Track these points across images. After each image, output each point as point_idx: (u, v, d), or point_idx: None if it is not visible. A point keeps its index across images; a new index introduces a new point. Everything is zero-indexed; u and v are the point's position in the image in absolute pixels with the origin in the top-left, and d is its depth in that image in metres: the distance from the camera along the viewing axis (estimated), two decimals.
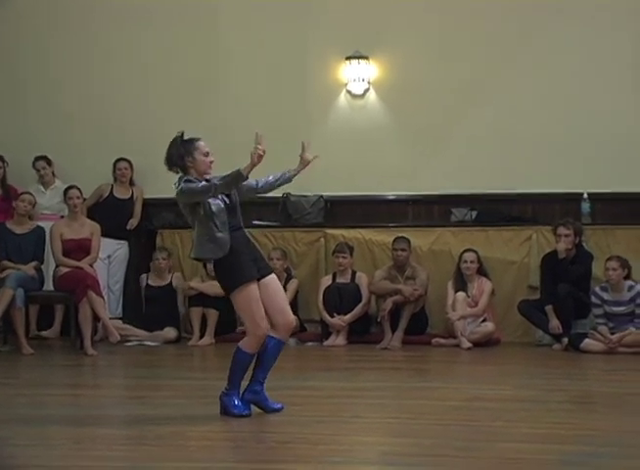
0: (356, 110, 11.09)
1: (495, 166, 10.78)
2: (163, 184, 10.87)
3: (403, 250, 10.13)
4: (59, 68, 11.24)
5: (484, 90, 10.84)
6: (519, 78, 10.82)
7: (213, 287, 10.25)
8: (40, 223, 10.33)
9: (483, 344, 9.79)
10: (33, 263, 9.94)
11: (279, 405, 6.55)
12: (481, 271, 10.11)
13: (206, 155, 6.48)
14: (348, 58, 10.96)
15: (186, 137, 6.48)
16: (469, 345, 9.69)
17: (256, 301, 6.34)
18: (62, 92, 11.20)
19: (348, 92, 11.08)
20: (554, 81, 10.78)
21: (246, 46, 11.07)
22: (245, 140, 10.89)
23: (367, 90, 11.05)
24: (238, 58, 11.07)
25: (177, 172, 6.45)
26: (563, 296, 9.65)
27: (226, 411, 6.40)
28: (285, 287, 10.33)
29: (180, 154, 6.40)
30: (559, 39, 10.76)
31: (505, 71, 10.81)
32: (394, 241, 10.20)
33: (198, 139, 6.52)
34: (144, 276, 10.60)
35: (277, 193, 10.76)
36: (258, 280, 6.40)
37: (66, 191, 10.20)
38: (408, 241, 10.19)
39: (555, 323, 9.70)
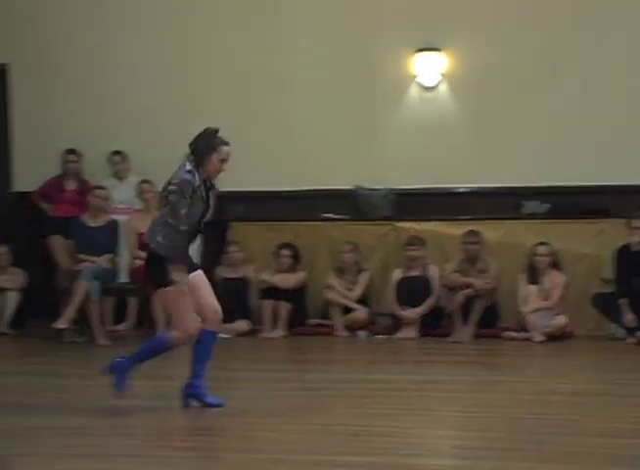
0: (427, 102, 11.06)
1: (568, 158, 10.68)
2: (236, 177, 11.07)
3: (474, 243, 10.10)
4: (134, 61, 11.34)
5: (557, 81, 10.74)
6: (592, 68, 10.70)
7: (285, 280, 10.34)
8: (114, 217, 10.46)
9: (556, 337, 9.72)
10: (108, 256, 10.08)
11: (219, 401, 6.53)
12: (554, 264, 10.03)
13: (222, 162, 6.49)
14: (419, 50, 10.93)
15: (218, 135, 6.47)
16: (541, 338, 9.63)
17: (188, 300, 6.35)
18: (137, 86, 11.31)
19: (419, 84, 11.05)
20: (631, 69, 10.65)
21: (315, 39, 11.08)
22: (316, 133, 11.02)
23: (439, 82, 11.01)
24: (307, 51, 11.09)
25: (190, 161, 6.45)
26: (637, 289, 9.55)
27: (191, 398, 6.47)
28: (355, 280, 10.36)
29: (205, 149, 6.41)
30: (634, 25, 10.63)
31: (577, 61, 10.70)
32: (465, 234, 10.16)
33: (226, 144, 6.56)
34: (220, 268, 10.67)
35: (348, 186, 10.82)
36: None
37: (139, 185, 10.32)
38: (479, 234, 10.15)
39: (629, 317, 9.61)
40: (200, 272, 6.56)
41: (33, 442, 5.76)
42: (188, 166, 6.47)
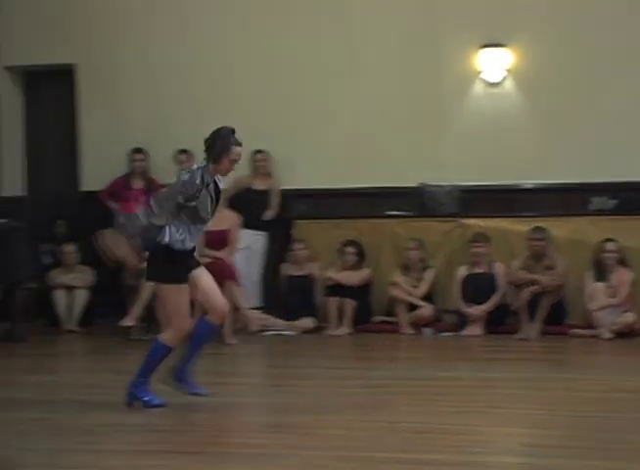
0: (492, 98, 10.99)
1: (635, 154, 10.56)
2: (300, 175, 11.14)
3: (540, 239, 10.03)
4: (198, 62, 11.41)
5: (622, 76, 10.63)
6: None
7: (350, 277, 10.35)
8: None
9: (624, 335, 9.62)
10: None
11: (204, 390, 6.62)
12: (622, 261, 9.93)
13: (233, 162, 6.55)
14: (484, 46, 10.88)
15: (234, 136, 6.52)
16: (609, 335, 9.54)
17: (186, 299, 6.41)
18: (202, 85, 11.38)
19: (484, 80, 10.99)
20: None
21: (380, 36, 11.07)
22: (380, 130, 11.02)
23: (503, 78, 10.95)
24: (372, 49, 11.08)
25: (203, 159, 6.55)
26: None
27: (136, 400, 6.46)
28: (421, 277, 10.35)
29: (219, 148, 6.44)
30: None
31: None
32: (531, 231, 10.09)
33: (239, 144, 6.64)
34: (285, 266, 10.71)
35: (412, 183, 10.81)
36: None
37: None
38: (545, 231, 10.08)
39: None
40: (203, 269, 6.59)
41: (105, 438, 5.84)
42: (195, 165, 6.51)
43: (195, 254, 6.69)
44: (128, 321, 9.79)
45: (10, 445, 5.72)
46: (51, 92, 12.17)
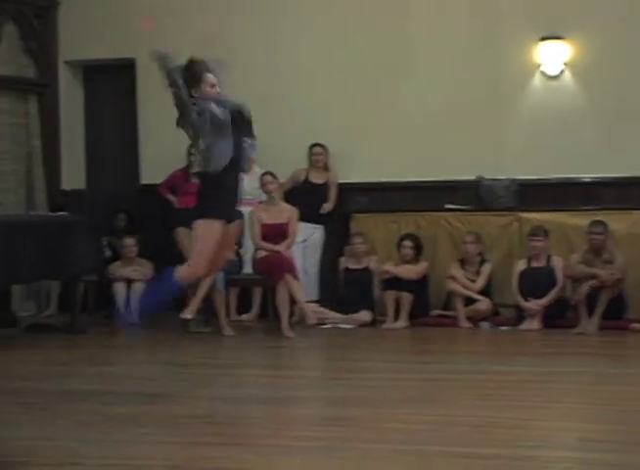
0: (551, 91, 10.92)
1: None
2: (357, 169, 11.15)
3: (599, 233, 9.95)
4: (251, 52, 11.45)
5: None
6: None
7: (408, 271, 10.35)
8: (239, 208, 10.59)
9: None
10: (233, 247, 10.21)
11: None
12: None
13: (213, 87, 6.64)
14: (543, 38, 10.80)
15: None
16: None
17: (216, 242, 6.41)
18: (255, 77, 11.41)
19: (543, 73, 10.92)
20: None
21: (439, 29, 11.02)
22: (438, 123, 10.99)
23: (562, 71, 10.87)
24: (431, 42, 11.04)
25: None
26: None
27: (147, 307, 6.59)
28: (478, 271, 10.31)
29: (193, 81, 6.74)
30: None
31: None
32: (590, 224, 10.01)
33: (208, 71, 6.86)
34: (343, 259, 10.74)
35: (470, 176, 10.77)
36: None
37: (260, 177, 10.43)
38: (604, 224, 9.99)
39: None
40: (236, 222, 6.62)
41: (164, 430, 5.91)
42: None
43: (237, 206, 6.73)
44: (187, 314, 9.86)
45: (70, 435, 5.80)
46: (110, 86, 12.30)
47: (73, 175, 12.23)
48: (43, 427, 6.00)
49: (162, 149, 11.51)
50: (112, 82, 12.27)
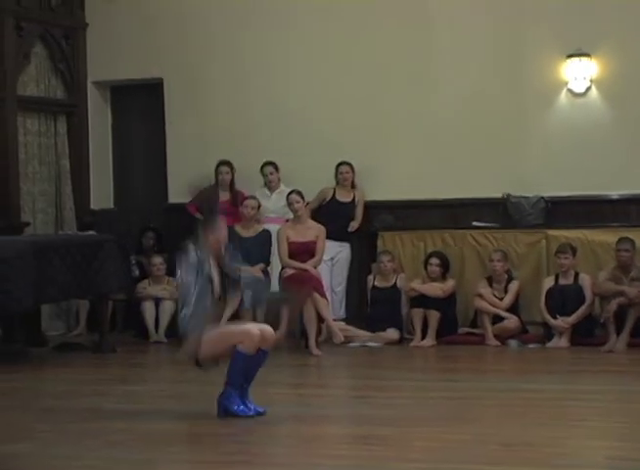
0: (577, 108, 10.90)
1: None
2: (384, 187, 11.16)
3: (627, 250, 9.91)
4: (283, 75, 11.50)
5: None
6: None
7: (435, 289, 10.34)
8: (266, 226, 10.64)
9: None
10: (260, 266, 10.24)
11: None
12: None
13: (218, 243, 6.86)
14: (570, 56, 10.80)
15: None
16: None
17: (222, 329, 6.67)
18: (288, 98, 11.46)
19: (569, 90, 10.91)
20: None
21: (462, 44, 11.02)
22: (465, 141, 10.99)
23: (588, 88, 10.86)
24: (456, 59, 11.05)
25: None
26: None
27: (227, 411, 6.47)
28: (506, 288, 10.29)
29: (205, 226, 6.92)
30: None
31: None
32: (618, 241, 9.97)
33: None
34: (370, 277, 10.74)
35: (497, 194, 10.76)
36: None
37: (287, 196, 10.45)
38: (632, 241, 9.95)
39: None
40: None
41: (192, 449, 5.93)
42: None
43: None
44: None
45: (99, 454, 5.83)
46: (138, 106, 12.38)
47: (102, 195, 12.31)
48: (73, 446, 6.04)
49: (190, 167, 11.57)
50: (139, 102, 12.35)
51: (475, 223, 10.80)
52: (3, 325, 10.45)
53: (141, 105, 12.35)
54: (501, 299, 10.25)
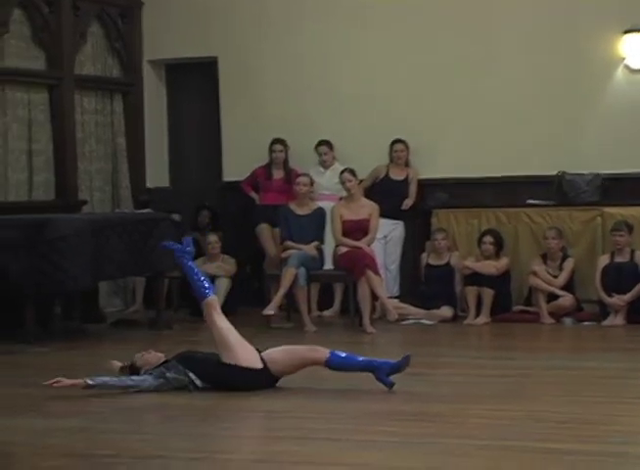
0: (634, 84, 10.79)
1: None
2: (438, 164, 11.13)
3: None
4: (337, 52, 11.49)
5: None
6: None
7: (488, 266, 10.31)
8: (320, 203, 10.66)
9: None
10: (314, 244, 10.28)
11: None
12: None
13: None
14: (627, 31, 10.68)
15: None
16: None
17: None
18: (342, 76, 11.45)
19: (626, 66, 10.79)
20: None
21: (518, 21, 10.93)
22: (520, 118, 10.92)
23: None
24: (511, 35, 10.97)
25: None
26: None
27: None
28: (561, 266, 10.24)
29: None
30: None
31: None
32: None
33: None
34: (424, 255, 10.74)
35: (552, 171, 10.70)
36: None
37: (340, 174, 10.46)
38: None
39: None
40: None
41: (243, 424, 6.01)
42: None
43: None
44: (269, 310, 9.94)
45: (157, 429, 5.92)
46: (193, 85, 12.44)
47: (157, 173, 12.40)
48: (129, 420, 6.12)
49: (245, 146, 11.64)
50: (194, 81, 12.41)
51: (529, 201, 10.75)
52: (62, 302, 10.60)
53: (196, 83, 12.42)
54: (556, 276, 10.21)
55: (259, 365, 6.68)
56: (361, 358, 6.81)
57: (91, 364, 7.82)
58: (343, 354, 6.77)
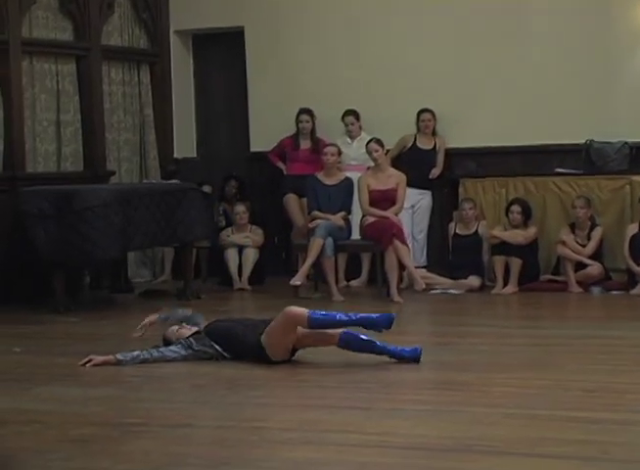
0: None
1: None
2: (466, 134, 11.10)
3: None
4: (366, 21, 11.45)
5: None
6: None
7: (516, 236, 10.30)
8: (347, 174, 10.65)
9: None
10: (342, 214, 10.28)
11: None
12: None
13: None
14: None
15: None
16: None
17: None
18: (369, 45, 11.40)
19: None
20: None
21: None
22: (547, 86, 10.86)
23: None
24: (542, 2, 10.88)
25: None
26: None
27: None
28: (589, 235, 10.21)
29: None
30: None
31: None
32: None
33: None
34: (452, 225, 10.73)
35: (580, 140, 10.64)
36: None
37: (366, 144, 10.44)
38: None
39: None
40: None
41: (277, 393, 6.04)
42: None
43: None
44: (297, 280, 9.96)
45: (186, 398, 5.97)
46: (220, 55, 12.44)
47: (185, 143, 12.42)
48: (159, 389, 6.18)
49: (272, 116, 11.63)
50: (221, 51, 12.41)
51: (557, 170, 10.71)
52: (90, 273, 10.68)
53: (223, 53, 12.41)
54: (584, 246, 10.18)
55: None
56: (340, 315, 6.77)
57: (120, 334, 7.89)
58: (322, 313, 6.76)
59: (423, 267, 10.68)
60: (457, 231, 10.64)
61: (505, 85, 11.03)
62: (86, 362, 6.76)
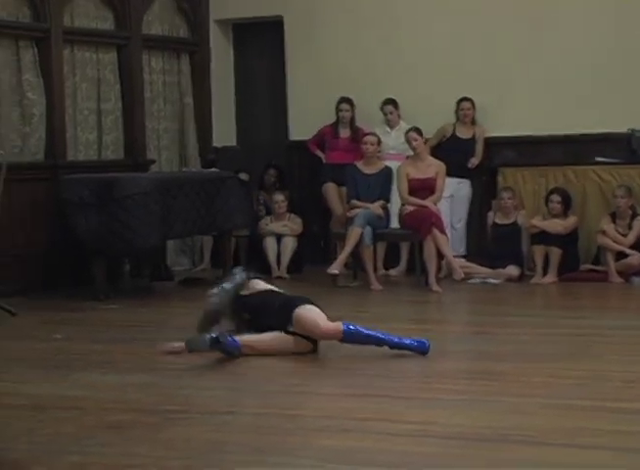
0: None
1: None
2: (505, 122, 11.06)
3: None
4: (405, 11, 11.43)
5: None
6: None
7: (556, 225, 10.25)
8: (386, 163, 10.64)
9: None
10: (380, 202, 10.28)
11: None
12: None
13: None
14: None
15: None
16: None
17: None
18: (408, 35, 11.39)
19: None
20: None
21: None
22: (588, 75, 10.79)
23: None
24: None
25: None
26: None
27: None
28: (630, 225, 10.14)
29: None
30: None
31: None
32: None
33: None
34: (491, 214, 10.70)
35: (621, 129, 10.57)
36: None
37: (406, 134, 10.43)
38: None
39: None
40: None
41: (311, 381, 6.07)
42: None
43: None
44: (335, 269, 9.98)
45: (225, 385, 6.00)
46: (259, 44, 12.46)
47: (224, 132, 12.46)
48: (197, 376, 6.21)
49: (311, 105, 11.64)
50: (260, 40, 12.43)
51: (598, 159, 10.64)
52: (130, 261, 10.75)
53: (262, 42, 12.43)
54: (625, 235, 10.12)
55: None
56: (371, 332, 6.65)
57: (159, 322, 7.95)
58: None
59: (462, 257, 10.66)
60: (496, 220, 10.61)
61: (546, 74, 10.97)
62: (169, 351, 6.74)
